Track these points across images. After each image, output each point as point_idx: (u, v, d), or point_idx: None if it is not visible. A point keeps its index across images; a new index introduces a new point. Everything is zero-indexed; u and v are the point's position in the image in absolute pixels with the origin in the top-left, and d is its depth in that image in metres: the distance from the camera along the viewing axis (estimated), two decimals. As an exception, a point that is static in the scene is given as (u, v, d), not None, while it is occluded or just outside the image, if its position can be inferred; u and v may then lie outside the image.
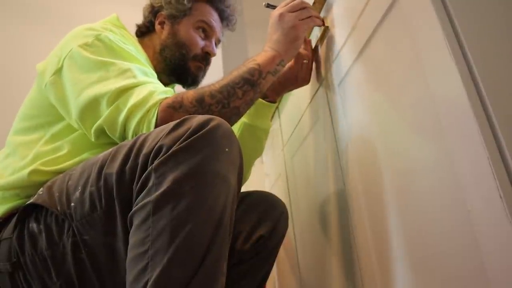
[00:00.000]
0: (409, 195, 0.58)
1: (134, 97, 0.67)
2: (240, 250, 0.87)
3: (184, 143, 0.55)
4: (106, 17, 0.88)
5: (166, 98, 0.68)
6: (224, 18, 1.00)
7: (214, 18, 0.97)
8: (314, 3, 0.88)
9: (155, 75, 0.79)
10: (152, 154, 0.56)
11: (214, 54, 0.96)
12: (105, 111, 0.68)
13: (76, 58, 0.73)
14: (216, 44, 0.99)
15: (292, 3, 0.81)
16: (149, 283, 0.50)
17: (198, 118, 0.57)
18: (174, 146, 0.55)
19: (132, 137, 0.67)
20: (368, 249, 0.70)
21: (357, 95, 0.74)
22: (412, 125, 0.56)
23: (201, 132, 0.55)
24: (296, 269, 1.19)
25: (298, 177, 1.15)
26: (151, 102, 0.66)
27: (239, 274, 0.87)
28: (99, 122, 0.69)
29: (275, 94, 0.98)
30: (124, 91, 0.68)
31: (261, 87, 0.74)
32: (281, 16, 0.80)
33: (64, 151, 0.74)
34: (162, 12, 0.95)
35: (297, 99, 1.12)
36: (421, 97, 0.53)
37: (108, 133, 0.70)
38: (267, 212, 0.92)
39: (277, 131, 1.36)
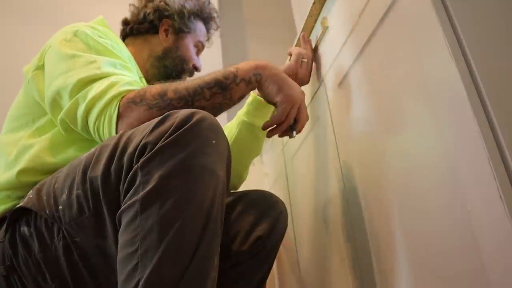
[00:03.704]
0: (409, 195, 0.58)
1: (94, 90, 0.66)
2: (238, 251, 0.85)
3: (169, 139, 0.54)
4: (106, 17, 0.88)
5: (129, 90, 0.66)
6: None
7: (205, 38, 1.04)
8: (314, 3, 0.88)
9: (130, 68, 0.77)
10: (136, 153, 0.55)
11: (200, 70, 1.00)
12: (66, 104, 0.69)
13: (51, 53, 0.74)
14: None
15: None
16: (141, 283, 0.50)
17: (181, 113, 0.56)
18: (159, 143, 0.54)
19: (94, 130, 0.66)
20: (368, 249, 0.70)
21: (357, 95, 0.74)
22: (412, 126, 0.56)
23: (185, 127, 0.55)
24: (296, 269, 1.19)
25: (298, 177, 1.15)
26: (111, 94, 0.65)
27: (237, 275, 0.86)
28: (60, 115, 0.69)
29: (275, 94, 0.97)
30: (85, 84, 0.67)
31: (232, 93, 0.70)
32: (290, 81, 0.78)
33: (47, 145, 0.74)
34: (169, 20, 0.95)
35: (297, 99, 1.12)
36: (421, 97, 0.53)
37: (72, 126, 0.70)
38: (265, 212, 0.91)
39: (277, 131, 1.35)
